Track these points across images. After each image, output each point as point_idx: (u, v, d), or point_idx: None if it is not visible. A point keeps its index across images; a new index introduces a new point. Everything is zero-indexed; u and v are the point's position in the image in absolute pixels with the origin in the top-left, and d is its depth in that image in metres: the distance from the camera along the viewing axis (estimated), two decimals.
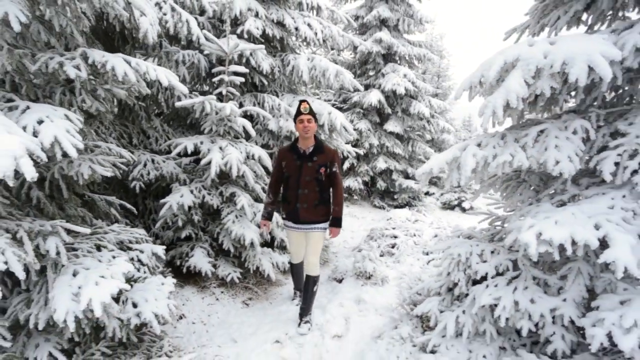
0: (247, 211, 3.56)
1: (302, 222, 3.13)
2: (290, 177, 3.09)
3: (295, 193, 3.08)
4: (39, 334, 1.94)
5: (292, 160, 3.08)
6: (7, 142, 1.41)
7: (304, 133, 3.00)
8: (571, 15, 2.24)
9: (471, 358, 2.35)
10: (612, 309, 1.76)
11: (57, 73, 2.00)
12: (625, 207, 1.81)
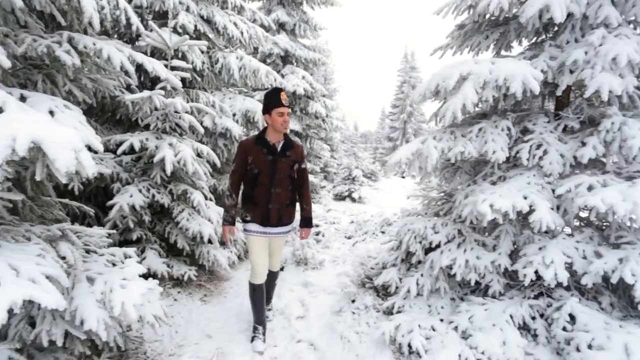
0: (202, 208, 3.49)
1: (272, 225, 2.79)
2: (260, 174, 2.71)
3: (266, 192, 2.73)
4: (44, 353, 1.70)
5: (263, 155, 2.71)
6: (66, 133, 1.29)
7: (283, 127, 2.70)
8: (490, 42, 3.00)
9: (431, 310, 2.93)
10: (536, 253, 2.50)
11: (43, 58, 1.78)
12: (537, 182, 2.59)
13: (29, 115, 1.25)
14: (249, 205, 2.79)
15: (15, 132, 1.15)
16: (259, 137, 2.76)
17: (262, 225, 2.79)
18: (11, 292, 1.20)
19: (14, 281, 1.24)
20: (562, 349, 2.37)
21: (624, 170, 2.50)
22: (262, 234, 2.82)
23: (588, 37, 2.37)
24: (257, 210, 2.76)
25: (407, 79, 24.16)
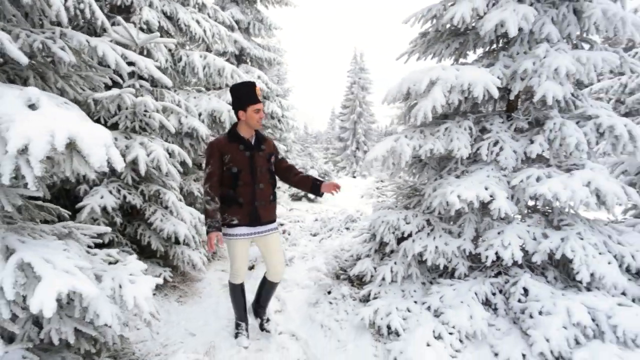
0: (177, 208, 3.46)
1: (262, 223, 2.71)
2: (241, 171, 2.61)
3: (251, 190, 2.63)
4: (49, 354, 1.66)
5: (240, 152, 2.62)
6: (96, 130, 1.31)
7: (259, 124, 2.66)
8: (451, 50, 3.34)
9: (405, 294, 3.19)
10: (495, 237, 2.86)
11: (35, 54, 1.73)
12: (494, 175, 2.95)
13: (60, 112, 1.25)
14: (234, 207, 2.63)
15: (53, 128, 1.17)
16: (232, 134, 2.66)
17: (251, 226, 2.67)
18: (56, 284, 1.20)
19: (54, 273, 1.24)
20: (518, 317, 2.75)
21: (564, 163, 2.95)
22: (249, 235, 2.70)
23: (535, 50, 2.76)
24: (244, 210, 2.63)
25: (356, 80, 24.87)
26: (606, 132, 2.81)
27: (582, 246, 2.69)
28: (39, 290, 1.19)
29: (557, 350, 2.42)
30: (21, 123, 1.16)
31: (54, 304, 1.17)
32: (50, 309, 1.17)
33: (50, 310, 1.17)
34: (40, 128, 1.15)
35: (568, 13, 2.83)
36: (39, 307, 1.17)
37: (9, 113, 1.18)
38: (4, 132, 1.16)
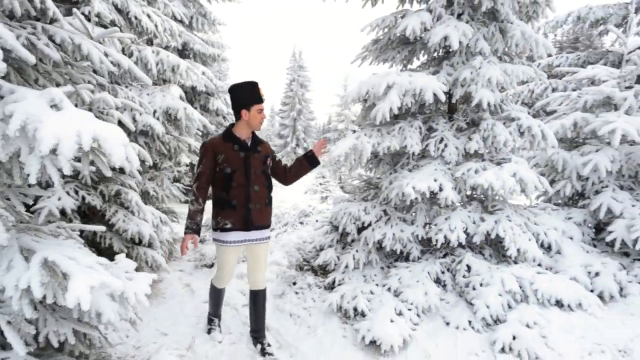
0: (141, 208, 3.41)
1: (256, 227, 2.61)
2: (235, 172, 2.52)
3: (245, 192, 2.53)
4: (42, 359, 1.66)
5: (234, 152, 2.55)
6: (114, 129, 1.38)
7: (260, 125, 2.63)
8: (401, 57, 3.72)
9: (367, 279, 3.52)
10: (443, 223, 3.30)
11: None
12: (441, 169, 3.39)
13: (82, 113, 1.30)
14: (227, 210, 2.53)
15: (79, 128, 1.23)
16: (227, 134, 2.61)
17: (244, 230, 2.58)
18: (87, 279, 1.26)
19: (81, 270, 1.29)
20: (463, 291, 3.21)
21: (495, 158, 3.48)
22: (242, 242, 2.61)
23: (472, 61, 3.24)
24: (237, 213, 2.53)
25: (295, 77, 25.11)
26: (525, 131, 3.39)
27: (510, 227, 3.24)
28: (74, 286, 1.24)
29: (495, 314, 2.91)
30: (49, 123, 1.20)
31: (89, 297, 1.24)
32: (88, 303, 1.23)
33: (87, 304, 1.23)
34: (68, 128, 1.21)
35: (496, 32, 3.36)
36: (76, 301, 1.23)
37: (35, 113, 1.21)
38: (31, 131, 1.20)
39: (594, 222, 3.91)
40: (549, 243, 3.51)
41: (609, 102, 4.11)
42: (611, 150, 3.76)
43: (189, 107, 4.76)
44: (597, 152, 3.83)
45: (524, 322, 2.82)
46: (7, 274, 1.26)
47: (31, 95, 1.23)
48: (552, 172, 4.17)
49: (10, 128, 1.11)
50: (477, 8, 3.35)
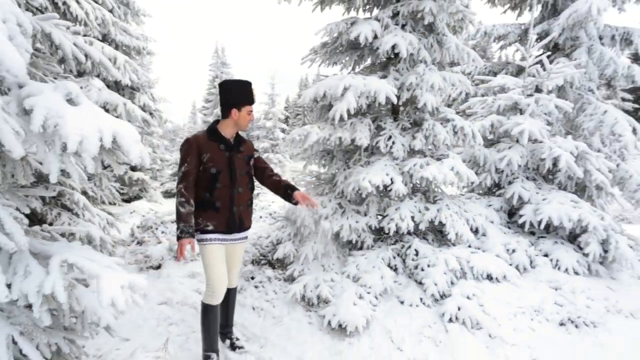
0: (89, 209, 3.16)
1: (240, 229, 2.57)
2: (220, 173, 2.43)
3: (229, 193, 2.47)
4: None
5: (219, 152, 2.45)
6: (128, 127, 1.36)
7: (247, 125, 2.55)
8: (352, 60, 3.99)
9: (326, 268, 3.73)
10: (394, 213, 3.65)
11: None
12: (390, 164, 3.74)
13: (97, 109, 1.27)
14: (209, 212, 2.44)
15: (100, 125, 1.21)
16: (212, 132, 2.50)
17: (226, 233, 2.51)
18: (114, 278, 1.24)
19: (105, 270, 1.25)
20: (413, 272, 3.61)
21: (435, 154, 3.95)
22: (223, 241, 2.52)
23: (416, 68, 3.64)
24: (221, 216, 2.45)
25: (219, 74, 24.23)
26: (459, 131, 3.90)
27: (450, 214, 3.72)
28: (105, 286, 1.21)
29: (442, 290, 3.34)
30: (71, 120, 1.17)
31: (123, 296, 1.22)
32: (123, 301, 1.22)
33: (123, 302, 1.22)
34: (89, 125, 1.18)
35: (434, 43, 3.81)
36: (110, 301, 1.20)
37: (54, 109, 1.17)
38: (51, 127, 1.16)
39: (508, 208, 4.65)
40: (476, 227, 4.09)
41: (517, 107, 4.89)
42: (520, 148, 4.51)
43: (129, 103, 4.48)
44: (510, 149, 4.56)
45: (465, 295, 3.29)
46: (25, 280, 1.19)
47: (47, 89, 1.18)
48: (474, 166, 4.83)
49: (34, 124, 1.06)
50: (418, 21, 3.77)
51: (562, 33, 6.05)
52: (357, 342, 3.04)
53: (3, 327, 1.20)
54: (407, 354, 2.92)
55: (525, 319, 3.25)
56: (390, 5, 3.71)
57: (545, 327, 3.21)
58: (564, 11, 6.05)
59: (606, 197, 4.58)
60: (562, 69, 4.74)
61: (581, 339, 3.14)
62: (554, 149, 4.25)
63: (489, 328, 3.08)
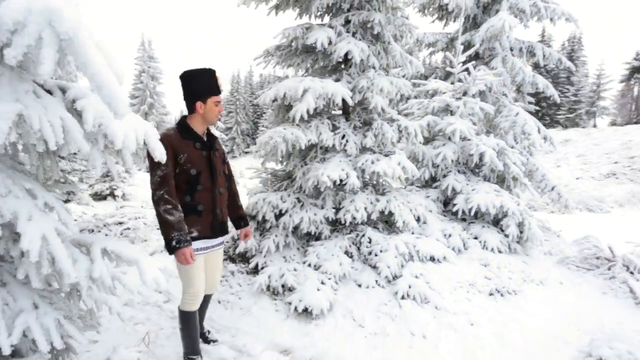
0: None
1: (222, 232, 2.48)
2: (200, 174, 2.29)
3: (212, 195, 2.35)
4: None
5: (196, 152, 2.29)
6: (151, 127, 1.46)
7: (217, 117, 2.38)
8: (306, 63, 4.23)
9: (287, 259, 3.95)
10: (349, 205, 3.98)
11: None
12: (345, 160, 4.07)
13: None
14: (191, 216, 2.28)
15: (134, 125, 1.33)
16: (184, 129, 2.30)
17: (211, 238, 2.41)
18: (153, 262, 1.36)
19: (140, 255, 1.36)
20: (367, 258, 3.98)
21: (384, 151, 4.36)
22: (206, 250, 2.42)
23: (367, 73, 4.00)
24: (204, 220, 2.34)
25: (145, 68, 22.93)
26: (403, 130, 4.36)
27: (397, 205, 4.15)
28: (147, 269, 1.33)
29: (394, 272, 3.75)
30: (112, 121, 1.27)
31: (163, 277, 1.35)
32: (165, 282, 1.35)
33: (164, 283, 1.35)
34: (127, 125, 1.30)
35: (382, 51, 4.21)
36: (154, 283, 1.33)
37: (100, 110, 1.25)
38: (96, 126, 1.25)
39: (443, 198, 5.26)
40: (418, 216, 4.60)
41: (448, 108, 5.53)
42: (453, 145, 5.13)
43: None
44: (444, 146, 5.16)
45: (413, 275, 3.74)
46: (75, 266, 1.27)
47: (89, 91, 1.27)
48: (414, 161, 5.38)
49: (88, 123, 1.15)
50: (367, 30, 4.14)
51: (482, 44, 6.91)
52: (323, 323, 3.33)
53: (51, 311, 1.27)
54: (368, 329, 3.27)
55: (463, 292, 3.80)
56: (343, 14, 4.02)
57: (479, 297, 3.79)
58: (482, 25, 6.91)
59: (520, 187, 5.40)
60: (484, 76, 5.47)
61: (506, 305, 3.76)
62: (480, 146, 4.93)
63: (435, 301, 3.56)
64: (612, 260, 4.66)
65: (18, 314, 1.20)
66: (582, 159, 21.02)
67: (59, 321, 1.30)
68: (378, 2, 4.11)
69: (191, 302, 2.45)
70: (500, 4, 6.98)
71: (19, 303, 1.22)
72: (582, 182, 16.90)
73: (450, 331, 3.28)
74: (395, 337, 3.21)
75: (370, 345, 3.12)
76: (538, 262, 4.76)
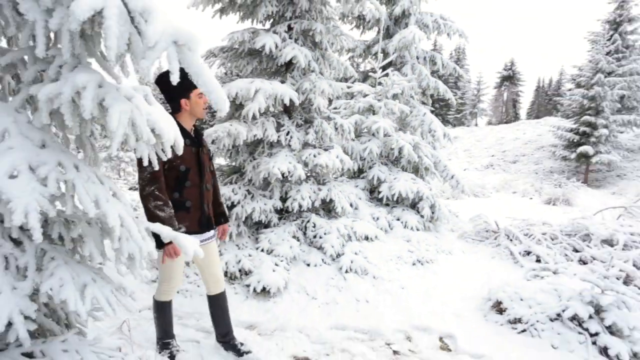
0: None
1: (208, 227, 2.53)
2: (189, 170, 2.35)
3: (198, 192, 2.41)
4: None
5: (186, 148, 2.29)
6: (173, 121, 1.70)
7: (204, 110, 2.40)
8: (252, 65, 4.51)
9: (240, 247, 4.23)
10: (296, 194, 4.42)
11: None
12: (290, 154, 4.48)
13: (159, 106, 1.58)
14: (180, 213, 2.33)
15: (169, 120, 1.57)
16: None
17: (199, 233, 2.46)
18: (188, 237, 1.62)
19: (176, 233, 1.60)
20: (313, 241, 4.48)
21: (323, 146, 4.88)
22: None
23: (309, 76, 4.46)
24: (192, 216, 2.40)
25: None
26: (339, 128, 4.94)
27: (337, 193, 4.72)
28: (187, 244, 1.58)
29: (337, 251, 4.32)
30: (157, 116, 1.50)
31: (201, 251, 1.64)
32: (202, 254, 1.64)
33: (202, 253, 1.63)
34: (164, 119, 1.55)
35: (320, 57, 4.72)
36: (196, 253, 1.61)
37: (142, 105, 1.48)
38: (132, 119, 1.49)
39: (370, 187, 6.01)
40: (351, 202, 5.24)
41: (371, 108, 6.30)
42: (377, 140, 5.90)
43: None
44: (369, 141, 5.90)
45: (354, 252, 4.35)
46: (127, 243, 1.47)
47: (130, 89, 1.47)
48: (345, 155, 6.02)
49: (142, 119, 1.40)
50: (308, 37, 4.60)
51: (395, 52, 7.89)
52: (281, 300, 3.73)
53: (106, 284, 1.46)
54: (320, 301, 3.78)
55: (393, 263, 4.54)
56: (286, 21, 4.41)
57: (405, 267, 4.57)
58: (395, 35, 7.90)
59: (431, 175, 6.43)
60: (400, 81, 6.36)
61: (425, 271, 4.61)
62: (399, 141, 5.77)
63: (373, 272, 4.22)
64: (497, 232, 5.92)
65: (85, 287, 1.41)
66: (468, 153, 24.50)
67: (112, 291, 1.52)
68: (315, 12, 4.60)
69: (167, 293, 2.58)
70: (409, 19, 8.05)
71: (82, 278, 1.43)
72: (469, 173, 19.78)
73: (387, 295, 3.96)
74: (343, 304, 3.77)
75: (324, 313, 3.63)
76: (446, 237, 5.80)
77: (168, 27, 1.10)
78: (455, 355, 3.11)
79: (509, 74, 42.53)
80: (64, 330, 1.64)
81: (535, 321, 3.24)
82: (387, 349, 3.19)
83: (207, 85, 1.21)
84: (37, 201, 1.11)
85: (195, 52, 1.17)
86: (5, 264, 1.29)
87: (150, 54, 1.08)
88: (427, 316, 3.64)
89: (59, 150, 1.26)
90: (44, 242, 1.42)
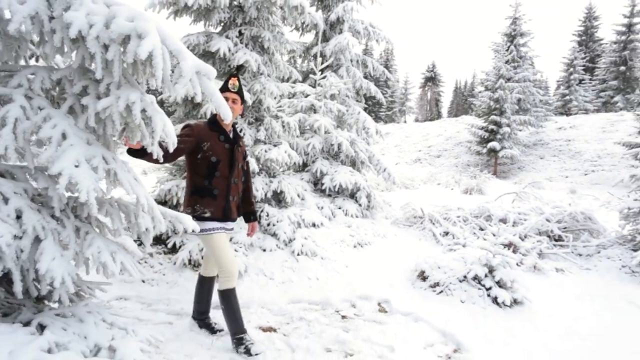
0: None
1: (232, 219, 2.73)
2: (219, 162, 2.57)
3: (227, 183, 2.62)
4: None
5: (220, 143, 2.60)
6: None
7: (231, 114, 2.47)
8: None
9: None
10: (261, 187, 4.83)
11: None
12: None
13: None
14: (207, 199, 2.59)
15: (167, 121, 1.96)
16: (213, 123, 2.64)
17: (222, 221, 2.66)
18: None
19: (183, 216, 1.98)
20: (267, 229, 4.93)
21: (273, 142, 5.33)
22: (223, 229, 2.68)
23: (259, 78, 4.88)
24: (218, 203, 2.62)
25: None
26: (286, 125, 5.43)
27: (286, 185, 5.22)
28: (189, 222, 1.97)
29: (289, 237, 4.83)
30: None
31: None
32: (198, 228, 2.02)
33: (198, 228, 2.02)
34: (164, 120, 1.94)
35: (268, 61, 5.15)
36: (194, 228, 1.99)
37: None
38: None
39: (314, 179, 6.60)
40: (299, 193, 5.78)
41: (312, 107, 6.88)
42: (319, 137, 6.50)
43: None
44: (312, 137, 6.48)
45: (304, 237, 4.90)
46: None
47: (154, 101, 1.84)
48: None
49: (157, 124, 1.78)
50: (256, 43, 5.00)
51: (332, 56, 8.55)
52: (242, 281, 4.15)
53: (110, 243, 1.81)
54: (277, 280, 4.27)
55: (338, 246, 5.17)
56: (236, 27, 4.78)
57: (348, 249, 5.23)
58: (331, 40, 8.56)
59: (366, 168, 7.21)
60: (338, 82, 7.02)
61: (365, 252, 5.33)
62: (338, 138, 6.43)
63: (321, 254, 4.81)
64: (423, 218, 6.88)
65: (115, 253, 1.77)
66: (399, 148, 26.44)
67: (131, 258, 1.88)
68: (263, 20, 5.03)
69: (228, 279, 2.67)
70: (343, 25, 8.75)
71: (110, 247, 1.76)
72: (400, 167, 21.48)
73: (334, 273, 4.58)
74: (297, 282, 4.31)
75: (282, 291, 4.13)
76: (381, 223, 6.62)
77: (194, 62, 1.54)
78: (391, 315, 3.80)
79: (431, 75, 46.26)
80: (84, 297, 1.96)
81: (449, 283, 4.07)
82: (337, 314, 3.79)
83: (217, 103, 1.66)
84: (93, 185, 1.49)
85: (211, 79, 1.61)
86: (53, 237, 1.62)
87: (181, 80, 1.51)
88: (367, 287, 4.32)
89: (100, 146, 1.62)
90: (76, 219, 1.75)
